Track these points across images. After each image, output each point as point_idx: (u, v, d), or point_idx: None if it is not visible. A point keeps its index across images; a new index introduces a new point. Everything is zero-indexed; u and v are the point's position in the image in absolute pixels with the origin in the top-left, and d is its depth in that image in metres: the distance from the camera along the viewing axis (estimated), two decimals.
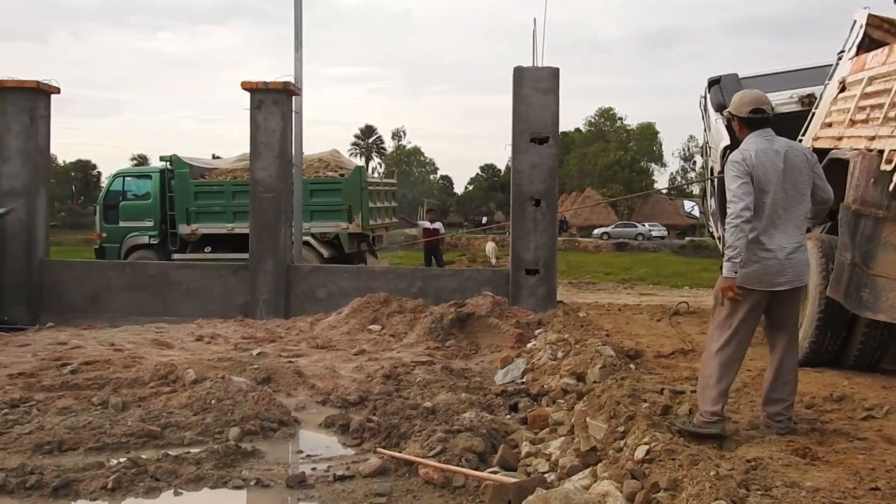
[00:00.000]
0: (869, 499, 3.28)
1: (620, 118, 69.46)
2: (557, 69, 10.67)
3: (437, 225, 18.41)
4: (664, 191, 54.71)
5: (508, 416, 5.64)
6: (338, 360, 7.62)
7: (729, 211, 4.35)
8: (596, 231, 51.53)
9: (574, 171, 65.13)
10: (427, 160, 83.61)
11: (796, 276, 4.35)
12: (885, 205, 5.91)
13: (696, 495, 3.20)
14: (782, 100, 9.63)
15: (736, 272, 4.26)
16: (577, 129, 71.11)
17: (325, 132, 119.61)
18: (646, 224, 52.89)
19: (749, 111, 4.41)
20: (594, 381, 5.63)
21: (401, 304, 9.77)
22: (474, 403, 5.78)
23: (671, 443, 3.91)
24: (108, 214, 17.29)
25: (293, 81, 12.08)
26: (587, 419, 4.71)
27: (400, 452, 4.75)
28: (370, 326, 9.29)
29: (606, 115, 69.49)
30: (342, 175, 17.24)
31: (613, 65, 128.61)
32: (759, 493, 3.32)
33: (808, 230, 9.04)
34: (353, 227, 16.54)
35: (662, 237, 49.85)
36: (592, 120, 70.22)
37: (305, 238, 14.91)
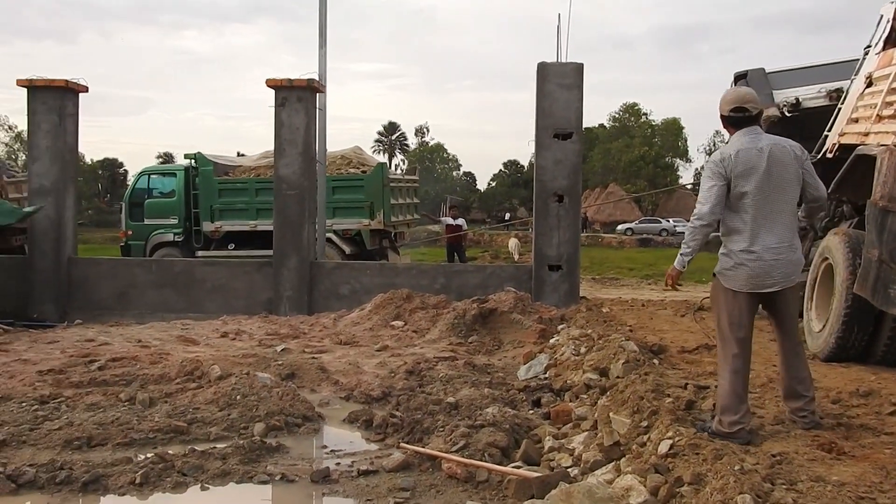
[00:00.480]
0: (895, 493, 3.25)
1: (645, 113, 68.99)
2: (581, 65, 10.63)
3: (460, 221, 18.42)
4: (689, 186, 54.24)
5: (531, 412, 5.65)
6: (361, 356, 7.66)
7: (694, 210, 4.37)
8: (620, 227, 51.25)
9: (598, 166, 64.77)
10: (450, 157, 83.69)
11: (785, 276, 4.26)
12: None
13: (721, 489, 3.18)
14: (810, 94, 9.54)
15: (684, 266, 4.44)
16: (601, 125, 70.70)
17: (348, 129, 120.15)
18: (670, 220, 52.47)
19: (730, 110, 4.35)
20: (617, 377, 5.61)
21: (423, 300, 9.79)
22: (497, 399, 5.79)
23: (695, 437, 3.90)
24: (133, 212, 17.50)
25: (317, 78, 12.15)
26: (610, 414, 4.71)
27: (423, 447, 4.77)
28: (393, 322, 9.32)
29: (631, 110, 69.02)
30: (364, 172, 17.30)
31: (638, 61, 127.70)
32: (783, 487, 3.29)
33: (806, 229, 8.99)
34: (374, 224, 16.61)
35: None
36: (616, 115, 69.81)
37: (328, 235, 14.98)
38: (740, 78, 10.24)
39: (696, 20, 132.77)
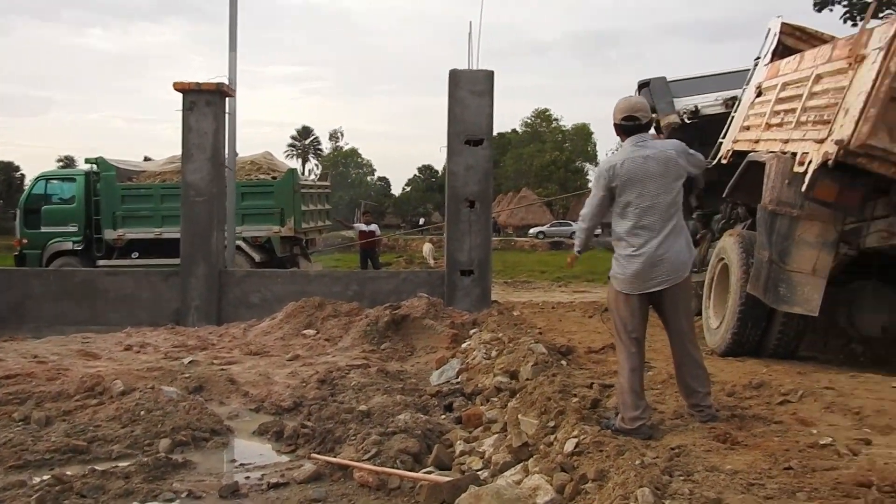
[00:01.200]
0: (783, 478, 3.43)
1: (556, 119, 70.33)
2: (492, 72, 10.78)
3: (373, 227, 18.37)
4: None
5: (443, 417, 5.69)
6: (272, 366, 7.55)
7: (581, 211, 4.78)
8: (532, 230, 52.10)
9: (510, 171, 65.74)
10: (364, 161, 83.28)
11: (671, 272, 4.40)
12: (799, 204, 6.20)
13: (622, 484, 3.29)
14: (708, 102, 9.95)
15: (579, 251, 4.98)
16: (514, 130, 71.76)
17: (261, 133, 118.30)
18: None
19: (622, 118, 4.53)
20: (527, 379, 5.72)
21: (336, 307, 9.73)
22: (409, 405, 5.81)
23: (599, 435, 4.01)
24: (29, 219, 16.71)
25: (227, 82, 11.93)
26: (519, 416, 4.80)
27: (334, 457, 4.75)
28: (305, 331, 9.23)
29: (542, 116, 70.27)
30: (274, 178, 17.06)
31: (551, 66, 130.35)
32: (681, 478, 3.43)
33: (705, 233, 9.38)
34: (285, 231, 16.39)
35: (597, 235, 50.52)
36: (529, 121, 70.95)
37: (237, 242, 14.71)
38: (643, 86, 10.59)
39: (606, 27, 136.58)
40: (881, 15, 13.86)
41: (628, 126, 4.55)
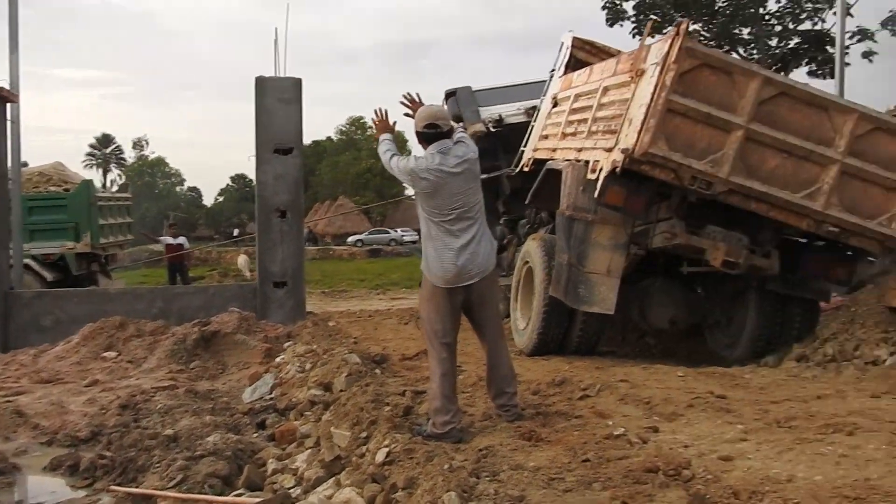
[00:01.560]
0: (581, 470, 3.62)
1: (371, 127, 70.41)
2: (300, 79, 10.60)
3: (181, 240, 17.57)
4: (414, 197, 56.73)
5: (256, 435, 5.51)
6: (66, 393, 6.98)
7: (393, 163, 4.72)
8: (350, 239, 52.02)
9: (327, 179, 65.27)
10: (173, 171, 79.54)
11: (480, 267, 4.56)
12: (593, 209, 6.62)
13: (430, 490, 3.34)
14: (511, 111, 10.38)
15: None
16: (329, 138, 71.34)
17: (55, 142, 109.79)
18: (398, 230, 54.27)
19: (424, 126, 4.65)
20: (340, 390, 5.68)
21: (139, 327, 9.16)
22: (220, 425, 5.56)
23: (410, 442, 4.05)
24: None
25: (8, 87, 10.93)
26: (332, 429, 4.75)
27: (136, 487, 4.47)
28: (104, 354, 8.61)
29: (357, 123, 70.37)
30: (67, 190, 15.85)
31: (364, 74, 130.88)
32: (487, 479, 3.54)
33: (514, 229, 9.81)
34: (81, 247, 15.19)
35: (414, 241, 51.41)
36: (344, 129, 70.81)
37: (25, 261, 13.48)
38: (450, 95, 10.88)
39: (417, 37, 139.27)
40: (662, 32, 15.06)
41: (430, 133, 4.65)
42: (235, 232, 59.09)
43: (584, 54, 9.04)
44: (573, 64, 8.94)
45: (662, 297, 7.49)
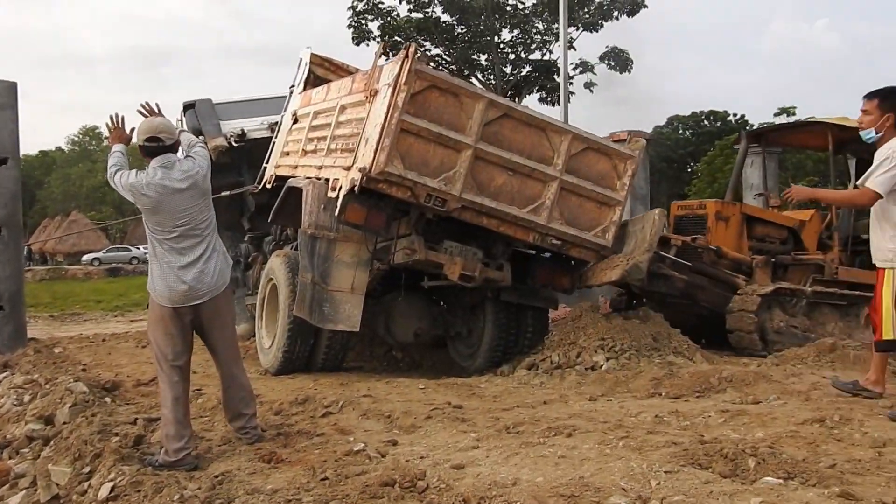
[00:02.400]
0: (319, 489, 3.60)
1: (107, 137, 65.74)
2: (14, 83, 9.56)
3: None
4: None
5: None
6: None
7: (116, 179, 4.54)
8: (86, 257, 47.99)
9: (58, 193, 59.77)
10: None
11: (206, 288, 4.43)
12: (335, 227, 6.65)
13: None
14: (255, 126, 10.15)
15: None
16: (59, 149, 65.48)
17: None
18: (140, 247, 50.86)
19: (144, 140, 4.49)
20: (64, 422, 5.19)
21: None
22: None
23: (138, 474, 3.81)
24: None
25: None
26: (50, 466, 4.34)
27: None
28: None
29: (91, 133, 65.30)
30: None
31: (101, 81, 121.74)
32: None
33: (259, 246, 9.66)
34: None
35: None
36: (76, 138, 65.37)
37: None
38: (189, 107, 10.44)
39: (160, 44, 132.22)
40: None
41: (151, 147, 4.45)
42: None
43: (322, 71, 9.10)
44: (313, 80, 8.96)
45: (406, 311, 7.70)
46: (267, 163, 9.07)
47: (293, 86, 9.22)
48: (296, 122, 8.46)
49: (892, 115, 4.94)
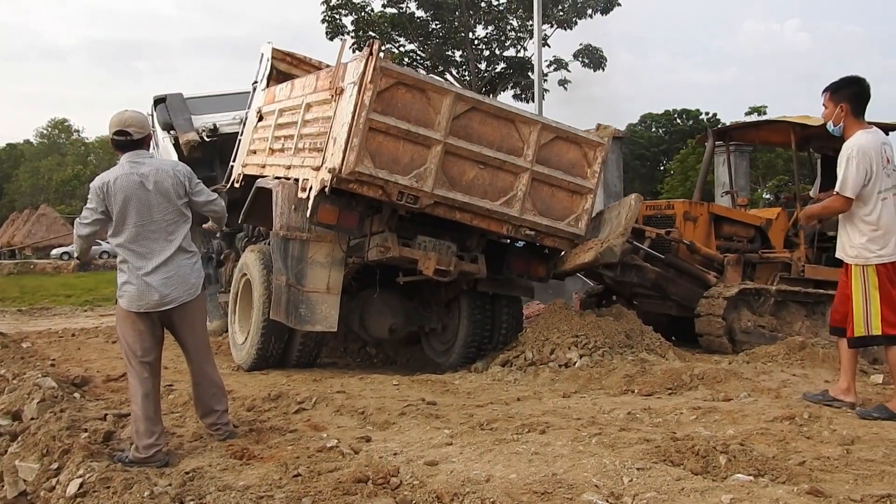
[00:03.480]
0: (291, 485, 3.57)
1: (77, 130, 65.03)
2: None
3: None
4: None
5: None
6: None
7: (77, 220, 4.48)
8: (55, 251, 47.25)
9: (26, 186, 58.87)
10: None
11: (179, 292, 4.36)
12: (307, 228, 6.59)
13: None
14: (226, 121, 10.03)
15: (79, 258, 4.77)
16: (28, 142, 64.45)
17: None
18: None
19: (113, 133, 4.41)
20: (32, 418, 5.11)
21: None
22: None
23: (108, 470, 3.75)
24: None
25: None
26: (17, 462, 4.27)
27: None
28: None
29: (60, 126, 64.36)
30: None
31: (70, 74, 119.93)
32: (192, 502, 3.37)
33: (232, 243, 9.56)
34: None
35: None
36: (45, 132, 64.36)
37: None
38: (160, 101, 10.30)
39: (131, 37, 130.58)
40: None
41: (120, 141, 4.38)
42: None
43: (285, 66, 8.99)
44: (276, 76, 8.86)
45: (381, 307, 7.67)
46: (234, 161, 8.95)
47: (256, 82, 9.11)
48: (261, 119, 8.35)
49: (845, 105, 5.00)
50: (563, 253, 7.29)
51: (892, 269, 4.88)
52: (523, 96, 29.68)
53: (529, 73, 27.20)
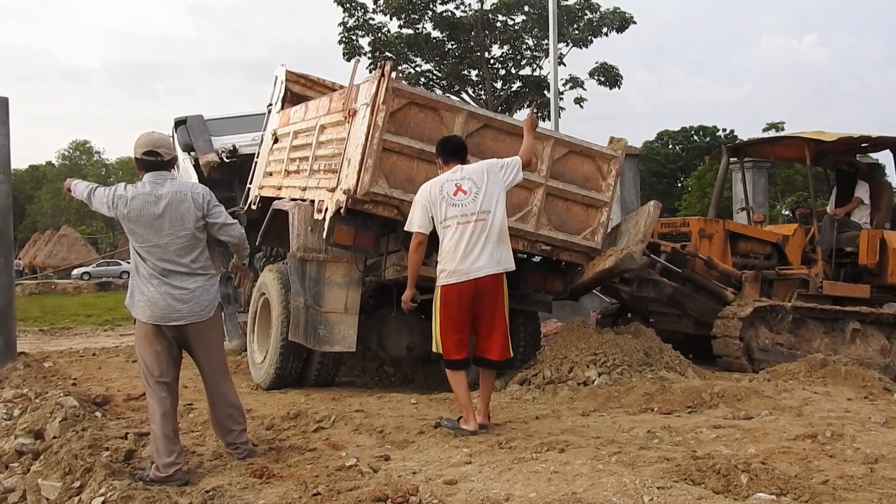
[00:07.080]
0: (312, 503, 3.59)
1: (98, 152, 65.87)
2: (6, 98, 9.57)
3: None
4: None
5: None
6: None
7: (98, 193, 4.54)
8: (75, 271, 47.73)
9: (48, 207, 59.59)
10: None
11: (193, 311, 4.38)
12: (324, 249, 6.62)
13: None
14: (246, 142, 10.14)
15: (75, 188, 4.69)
16: (50, 163, 65.30)
17: None
18: (131, 261, 50.60)
19: (143, 153, 4.45)
20: (54, 437, 5.17)
21: None
22: None
23: (129, 489, 3.79)
24: None
25: None
26: (40, 480, 4.31)
27: None
28: None
29: (82, 148, 65.21)
30: None
31: (91, 96, 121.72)
32: None
33: (251, 263, 9.61)
34: None
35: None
36: (67, 153, 65.23)
37: None
38: (181, 123, 10.43)
39: (151, 59, 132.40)
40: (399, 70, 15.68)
41: (148, 161, 4.44)
42: None
43: (299, 87, 9.07)
44: (290, 97, 8.94)
45: (398, 326, 7.67)
46: (250, 183, 9.02)
47: (271, 104, 9.20)
48: (276, 141, 8.41)
49: None
50: (579, 268, 7.27)
51: None
52: (539, 114, 29.74)
53: (545, 92, 27.25)
